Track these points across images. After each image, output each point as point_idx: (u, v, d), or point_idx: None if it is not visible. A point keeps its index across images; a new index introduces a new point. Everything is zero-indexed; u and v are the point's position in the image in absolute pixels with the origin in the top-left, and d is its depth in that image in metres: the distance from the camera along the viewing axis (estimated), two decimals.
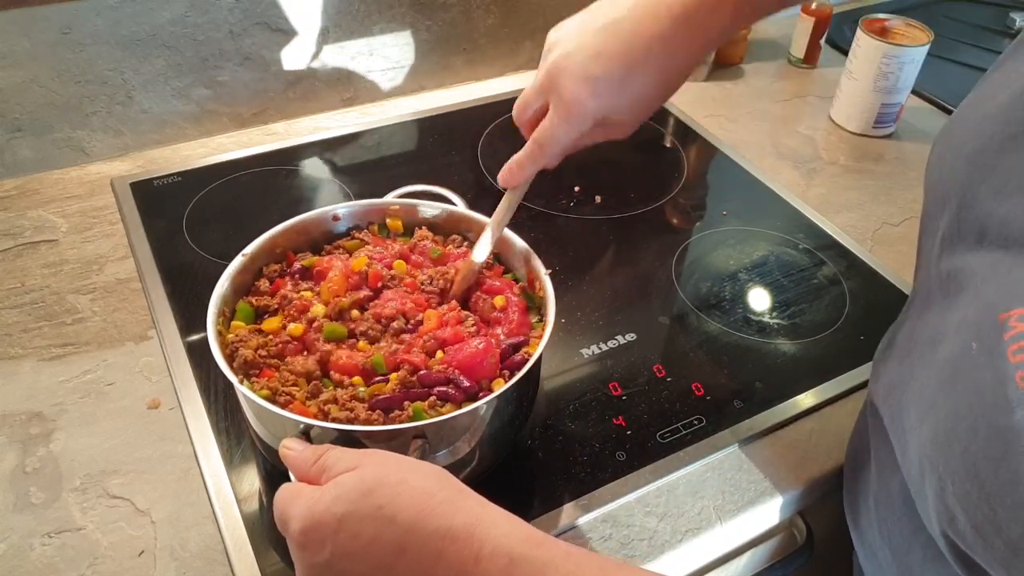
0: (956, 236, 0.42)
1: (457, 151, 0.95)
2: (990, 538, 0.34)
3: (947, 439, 0.36)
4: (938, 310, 0.43)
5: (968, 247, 0.40)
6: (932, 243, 0.45)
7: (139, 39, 0.86)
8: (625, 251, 0.83)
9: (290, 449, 0.45)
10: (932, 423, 0.38)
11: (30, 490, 0.58)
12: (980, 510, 0.34)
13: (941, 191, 0.44)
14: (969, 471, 0.35)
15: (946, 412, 0.37)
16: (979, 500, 0.34)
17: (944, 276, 0.43)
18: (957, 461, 0.36)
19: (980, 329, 0.36)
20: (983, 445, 0.34)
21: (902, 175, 0.97)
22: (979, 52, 1.22)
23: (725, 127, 1.04)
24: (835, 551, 0.65)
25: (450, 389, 0.52)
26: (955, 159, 0.42)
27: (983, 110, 0.42)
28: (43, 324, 0.71)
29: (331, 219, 0.64)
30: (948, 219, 0.42)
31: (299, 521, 0.39)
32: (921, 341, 0.44)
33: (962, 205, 0.41)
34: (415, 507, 0.38)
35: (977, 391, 0.35)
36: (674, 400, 0.66)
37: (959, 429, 0.36)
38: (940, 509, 0.38)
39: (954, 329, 0.40)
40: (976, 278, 0.39)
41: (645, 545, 0.57)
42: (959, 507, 0.36)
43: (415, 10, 0.99)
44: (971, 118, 0.43)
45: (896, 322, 0.53)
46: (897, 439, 0.45)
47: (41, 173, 0.88)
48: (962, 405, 0.36)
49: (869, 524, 0.54)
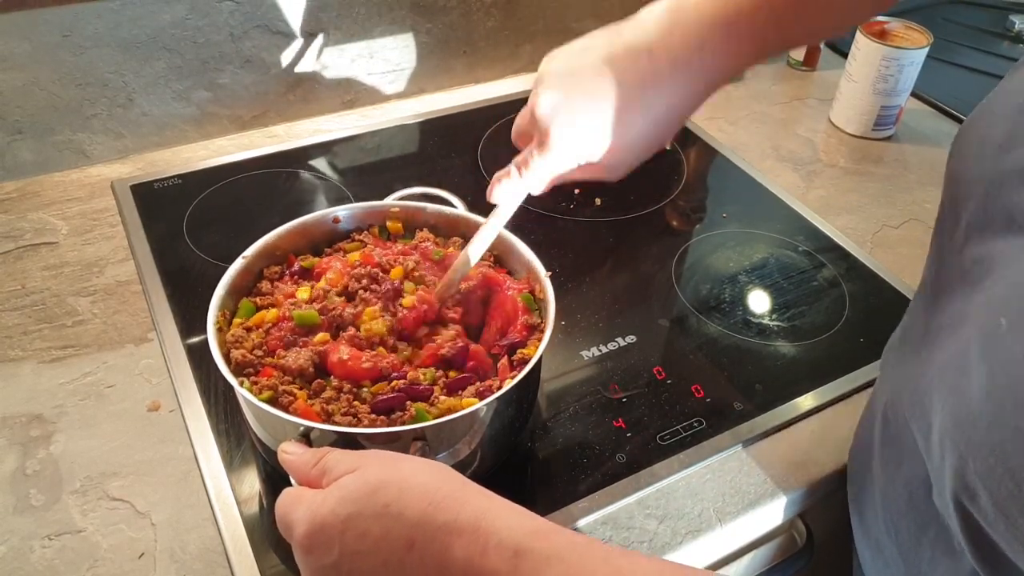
0: (984, 224, 0.41)
1: (457, 153, 0.96)
2: (1012, 516, 0.34)
3: (971, 416, 0.36)
4: (960, 297, 0.43)
5: (995, 233, 0.40)
6: (953, 234, 0.45)
7: (140, 42, 0.86)
8: (625, 253, 0.83)
9: (289, 453, 0.45)
10: (954, 402, 0.38)
11: (30, 492, 0.58)
12: (1004, 486, 0.34)
13: (966, 180, 0.44)
14: (995, 446, 0.34)
15: (971, 389, 0.37)
16: (1003, 475, 0.34)
17: (969, 264, 0.42)
18: (982, 436, 0.35)
19: (1011, 306, 0.36)
20: (1011, 418, 0.34)
21: (902, 177, 0.97)
22: (978, 54, 1.22)
23: (725, 129, 1.04)
24: (835, 553, 0.65)
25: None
26: (982, 148, 0.42)
27: (1011, 102, 0.41)
28: (43, 326, 0.71)
29: (331, 221, 0.65)
30: (974, 207, 0.42)
31: (304, 525, 0.39)
32: (940, 329, 0.44)
33: (990, 192, 0.41)
34: (422, 502, 0.38)
35: (1006, 365, 0.35)
36: (674, 402, 0.66)
37: (986, 404, 0.35)
38: (960, 487, 0.37)
39: (979, 310, 0.39)
40: (1005, 260, 0.39)
41: (645, 547, 0.57)
42: (980, 484, 0.35)
43: (415, 13, 1.00)
44: (998, 110, 0.42)
45: (903, 323, 0.53)
46: (920, 429, 0.44)
47: (41, 175, 0.88)
48: (989, 381, 0.36)
49: (875, 521, 0.54)
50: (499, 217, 0.59)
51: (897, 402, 0.48)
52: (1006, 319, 0.36)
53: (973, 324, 0.39)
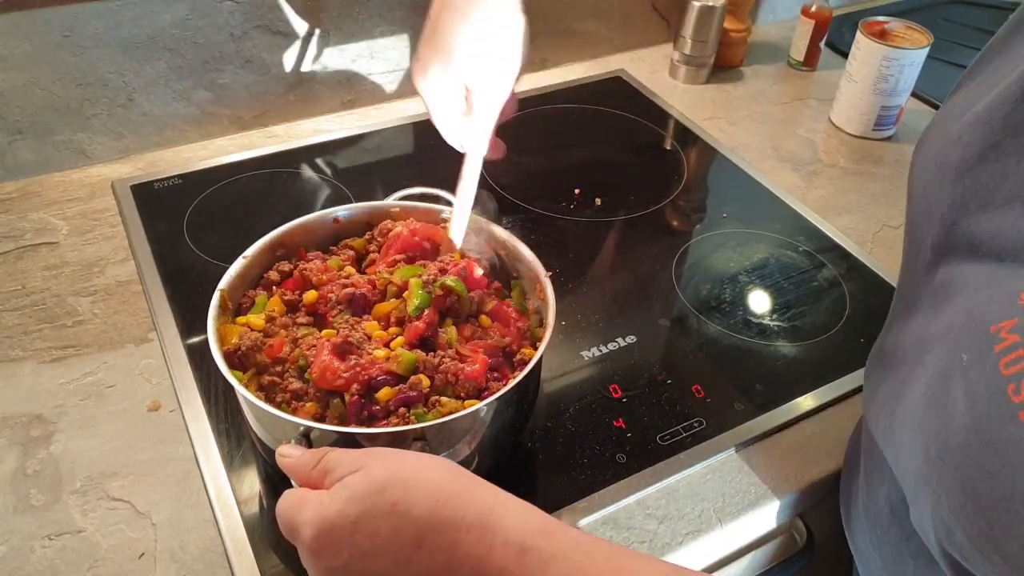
0: (947, 248, 0.41)
1: (457, 153, 0.95)
2: (988, 553, 0.34)
3: (939, 454, 0.36)
4: (923, 318, 0.43)
5: (962, 258, 0.40)
6: (920, 250, 0.44)
7: (140, 42, 0.86)
8: (625, 253, 0.83)
9: (287, 456, 0.45)
10: (923, 438, 0.38)
11: (30, 492, 0.58)
12: (976, 525, 0.34)
13: (926, 204, 0.44)
14: (964, 486, 0.34)
15: (937, 427, 0.37)
16: (975, 515, 0.34)
17: (936, 285, 0.42)
18: (951, 476, 0.35)
19: (970, 340, 0.36)
20: (976, 459, 0.34)
21: (902, 177, 0.97)
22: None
23: (725, 129, 1.04)
24: (835, 554, 0.65)
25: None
26: (938, 171, 0.42)
27: (962, 119, 0.41)
28: (44, 326, 0.71)
29: (332, 221, 0.65)
30: (937, 231, 0.42)
31: (311, 527, 0.38)
32: (908, 351, 0.44)
33: (950, 219, 0.41)
34: (429, 499, 0.38)
35: (968, 404, 0.35)
36: (674, 402, 0.66)
37: (951, 443, 0.35)
38: (937, 523, 0.37)
39: (941, 338, 0.39)
40: (968, 287, 0.39)
41: (645, 548, 0.57)
42: (955, 521, 0.35)
43: (415, 13, 0.99)
44: (950, 128, 0.42)
45: (882, 333, 0.53)
46: (890, 453, 0.45)
47: (42, 175, 0.88)
48: (953, 419, 0.35)
49: (861, 531, 0.54)
50: (466, 191, 0.63)
51: (873, 422, 0.48)
52: (967, 354, 0.36)
53: (937, 354, 0.39)
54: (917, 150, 0.46)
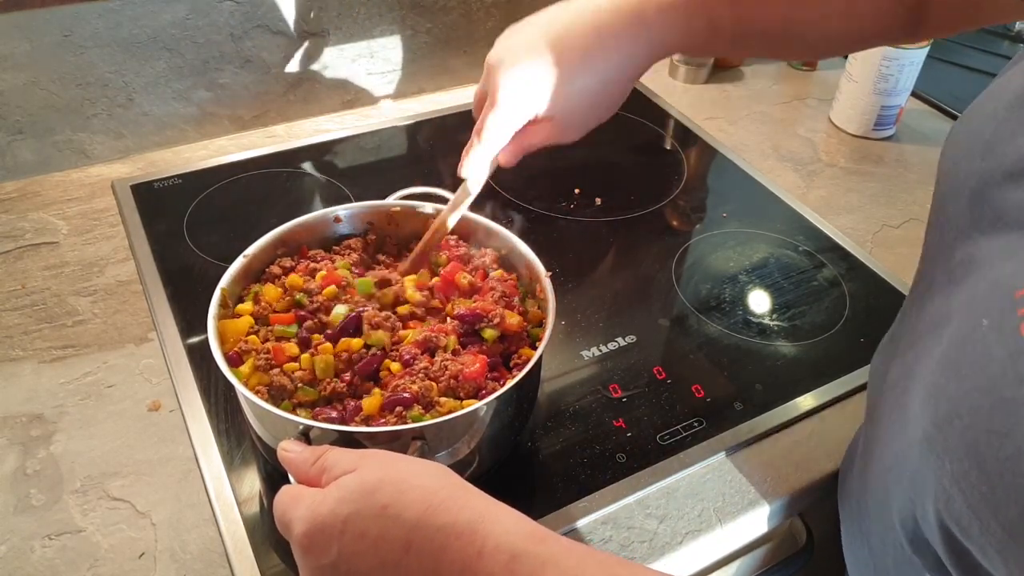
0: (970, 223, 0.41)
1: (457, 153, 0.94)
2: (986, 519, 0.34)
3: (949, 417, 0.36)
4: (942, 296, 0.43)
5: (983, 232, 0.40)
6: (942, 233, 0.45)
7: (140, 42, 0.86)
8: (625, 253, 0.83)
9: (288, 451, 0.45)
10: (934, 403, 0.38)
11: (31, 492, 0.58)
12: (978, 489, 0.34)
13: (955, 179, 0.44)
14: (970, 448, 0.34)
15: (951, 390, 0.37)
16: (978, 478, 0.34)
17: (955, 264, 0.42)
18: (958, 438, 0.35)
19: (992, 306, 0.36)
20: (986, 421, 0.33)
21: (902, 177, 0.97)
22: (978, 55, 1.23)
23: (725, 129, 1.04)
24: (835, 553, 0.65)
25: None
26: (970, 147, 0.42)
27: (999, 99, 0.42)
28: (44, 326, 0.71)
29: (332, 220, 0.65)
30: (964, 205, 0.42)
31: (303, 524, 0.39)
32: (925, 329, 0.44)
33: (978, 190, 0.41)
34: (420, 504, 0.38)
35: (984, 366, 0.34)
36: (674, 402, 0.66)
37: (963, 406, 0.35)
38: (938, 491, 0.37)
39: (961, 309, 0.39)
40: (988, 260, 0.39)
41: (645, 547, 0.57)
42: (956, 487, 0.35)
43: (415, 13, 1.00)
44: (987, 110, 0.43)
45: (895, 322, 0.53)
46: (901, 427, 0.44)
47: (42, 175, 0.88)
48: (967, 382, 0.35)
49: (851, 522, 0.55)
50: (471, 184, 0.62)
51: (886, 400, 0.48)
52: (987, 319, 0.35)
53: (955, 324, 0.39)
54: (949, 137, 0.46)
